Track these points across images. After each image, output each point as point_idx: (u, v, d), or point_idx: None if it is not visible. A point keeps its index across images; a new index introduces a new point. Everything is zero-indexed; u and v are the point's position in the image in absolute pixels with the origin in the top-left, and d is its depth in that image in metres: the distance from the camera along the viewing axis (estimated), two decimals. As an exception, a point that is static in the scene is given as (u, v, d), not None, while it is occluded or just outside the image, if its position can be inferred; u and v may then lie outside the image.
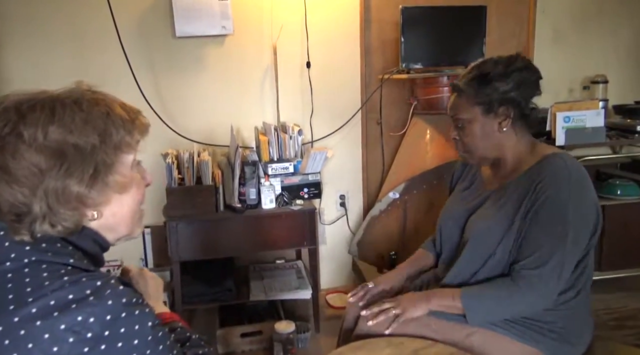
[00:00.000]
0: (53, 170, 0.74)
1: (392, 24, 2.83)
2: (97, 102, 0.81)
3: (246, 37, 2.72)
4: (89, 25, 2.56)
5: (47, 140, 0.74)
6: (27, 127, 0.73)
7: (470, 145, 1.48)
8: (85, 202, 0.79)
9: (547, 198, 1.31)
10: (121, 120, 0.82)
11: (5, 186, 0.73)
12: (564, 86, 3.09)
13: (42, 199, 0.74)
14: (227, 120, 2.69)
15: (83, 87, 0.83)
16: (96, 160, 0.77)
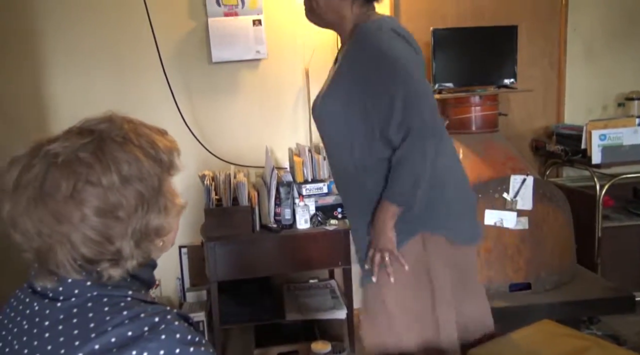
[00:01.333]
0: (138, 211, 0.77)
1: (422, 44, 2.85)
2: (138, 131, 0.83)
3: (279, 61, 2.80)
4: (131, 52, 2.67)
5: (124, 183, 0.76)
6: (102, 175, 0.75)
7: (314, 4, 1.53)
8: (160, 233, 0.82)
9: (366, 56, 1.40)
10: (162, 145, 0.84)
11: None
12: (597, 103, 3.06)
13: (130, 241, 0.77)
14: (262, 142, 2.75)
15: (119, 119, 0.84)
16: (163, 190, 0.81)
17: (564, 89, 3.02)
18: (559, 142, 2.80)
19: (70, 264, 0.76)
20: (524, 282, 2.42)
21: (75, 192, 0.74)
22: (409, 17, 2.87)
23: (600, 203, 2.60)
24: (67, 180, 0.74)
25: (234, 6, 2.69)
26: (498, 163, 2.51)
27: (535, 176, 2.47)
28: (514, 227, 2.38)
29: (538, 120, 3.06)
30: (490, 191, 2.40)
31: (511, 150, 2.61)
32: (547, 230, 2.45)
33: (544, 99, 3.05)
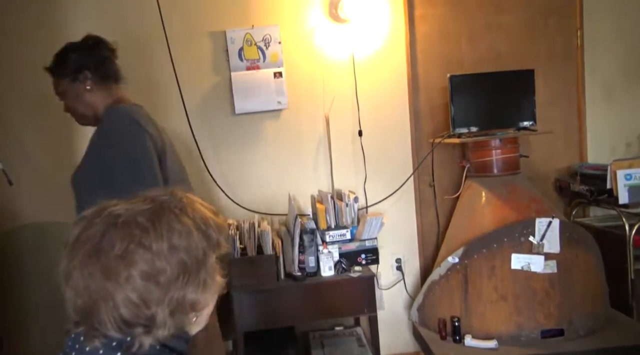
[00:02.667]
0: (178, 281, 0.80)
1: (439, 90, 2.92)
2: (195, 207, 0.87)
3: (300, 110, 2.88)
4: (159, 107, 2.76)
5: (171, 251, 0.80)
6: (154, 241, 0.79)
7: (72, 110, 1.82)
8: (196, 307, 0.84)
9: (100, 137, 1.67)
10: (214, 223, 0.87)
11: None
12: (620, 141, 3.04)
13: (165, 309, 0.79)
14: (285, 190, 2.80)
15: (180, 194, 0.89)
16: (206, 266, 0.84)
17: (585, 129, 3.02)
18: (583, 182, 2.78)
19: (111, 322, 0.78)
20: (556, 328, 2.35)
21: (126, 252, 0.78)
22: (426, 64, 2.94)
23: (631, 244, 2.54)
24: (121, 240, 0.79)
25: (255, 60, 2.81)
26: (522, 206, 2.49)
27: (561, 218, 2.44)
28: (541, 271, 2.34)
29: (560, 160, 3.05)
30: (515, 235, 2.38)
31: (535, 192, 2.59)
32: (577, 274, 2.40)
33: (565, 139, 3.04)
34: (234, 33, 2.78)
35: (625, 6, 2.99)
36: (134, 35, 2.73)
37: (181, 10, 2.75)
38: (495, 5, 2.94)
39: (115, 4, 2.72)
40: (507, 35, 2.96)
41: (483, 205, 2.59)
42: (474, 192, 2.67)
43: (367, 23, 2.86)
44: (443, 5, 2.92)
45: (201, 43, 2.79)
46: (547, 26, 2.97)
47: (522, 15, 2.95)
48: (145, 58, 2.74)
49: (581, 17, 2.96)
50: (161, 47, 2.61)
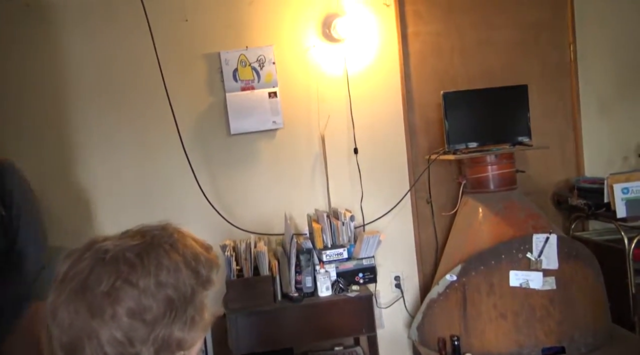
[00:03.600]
0: (164, 318, 0.78)
1: (434, 106, 2.93)
2: (185, 243, 0.85)
3: (296, 129, 2.88)
4: (153, 131, 2.79)
5: (158, 288, 0.78)
6: (141, 277, 0.77)
7: None
8: (183, 346, 0.81)
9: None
10: (204, 259, 0.86)
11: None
12: (617, 155, 3.04)
13: (150, 347, 0.77)
14: (281, 209, 2.79)
15: (171, 229, 0.87)
16: (194, 303, 0.82)
17: (581, 142, 3.01)
18: (581, 196, 2.76)
19: None
20: (558, 346, 2.32)
21: (112, 289, 0.77)
22: (419, 80, 2.96)
23: (631, 257, 2.51)
24: (108, 276, 0.77)
25: (250, 81, 2.82)
26: (519, 221, 2.48)
27: (558, 233, 2.43)
28: (540, 287, 2.32)
29: (557, 174, 3.04)
30: (513, 251, 2.36)
31: (532, 208, 2.58)
32: (577, 290, 2.37)
33: (562, 153, 3.04)
34: (228, 54, 2.80)
35: (618, 20, 3.01)
36: (128, 60, 2.76)
37: (175, 33, 2.78)
38: (486, 22, 2.96)
39: (108, 29, 2.74)
40: (499, 51, 2.98)
41: (480, 221, 2.58)
42: (471, 208, 2.66)
43: (361, 42, 2.88)
44: (435, 23, 2.94)
45: (196, 65, 2.81)
46: (540, 41, 2.99)
47: (513, 32, 2.97)
48: (138, 82, 2.76)
49: (573, 32, 2.98)
50: (154, 71, 2.64)
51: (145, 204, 2.78)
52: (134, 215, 2.77)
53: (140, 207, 2.77)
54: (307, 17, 2.85)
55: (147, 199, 2.78)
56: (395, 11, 2.88)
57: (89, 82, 2.75)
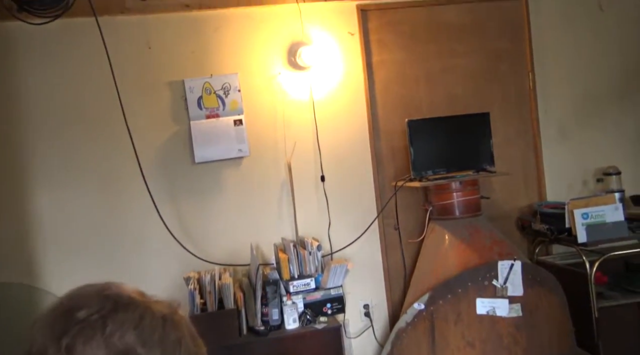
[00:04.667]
0: None
1: (400, 132, 2.96)
2: (178, 327, 0.81)
3: (262, 157, 2.85)
4: (114, 161, 2.71)
5: (120, 341, 0.74)
6: (113, 322, 0.75)
7: None
8: None
9: None
10: (187, 352, 0.81)
11: None
12: (577, 179, 3.11)
13: None
14: (247, 238, 2.74)
15: (175, 306, 0.85)
16: None
17: (543, 167, 3.08)
18: (543, 220, 2.81)
19: None
20: (525, 373, 2.32)
21: None
22: (385, 108, 2.98)
23: (593, 282, 2.56)
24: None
25: (215, 108, 2.79)
26: (485, 248, 2.50)
27: (523, 260, 2.45)
28: (507, 315, 2.33)
29: (521, 199, 3.09)
30: (479, 278, 2.37)
31: (496, 234, 2.61)
32: (542, 316, 2.39)
33: (525, 178, 3.10)
34: (192, 82, 2.77)
35: (573, 49, 3.12)
36: (87, 88, 2.69)
37: (138, 61, 2.74)
38: (449, 50, 3.03)
39: (67, 55, 2.68)
40: (462, 79, 3.04)
41: (446, 248, 2.59)
42: (438, 235, 2.67)
43: (326, 69, 2.89)
44: (399, 51, 2.99)
45: (160, 93, 2.77)
46: (501, 70, 3.07)
47: (476, 59, 3.05)
48: (98, 110, 2.69)
49: (532, 61, 3.07)
50: (115, 99, 2.57)
51: (105, 237, 2.68)
52: (92, 248, 2.67)
53: (99, 239, 2.68)
54: (273, 45, 2.85)
55: (107, 231, 2.69)
56: (359, 40, 2.92)
57: (45, 109, 2.66)
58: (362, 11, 2.93)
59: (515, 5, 3.07)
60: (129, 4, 2.68)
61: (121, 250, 2.70)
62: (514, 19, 3.08)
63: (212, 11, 2.79)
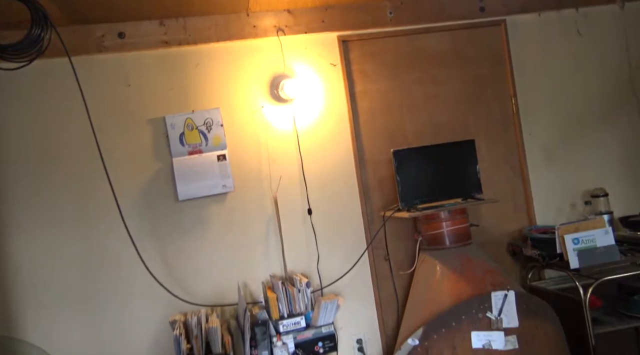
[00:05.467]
0: None
1: (386, 162, 2.93)
2: None
3: (247, 192, 2.80)
4: (94, 202, 2.63)
5: None
6: None
7: None
8: None
9: None
10: None
11: None
12: (565, 202, 3.10)
13: None
14: (235, 277, 2.67)
15: None
16: None
17: (530, 191, 3.07)
18: (534, 246, 2.78)
19: None
20: (525, 408, 2.25)
21: None
22: (370, 137, 2.96)
23: (587, 308, 2.51)
24: None
25: (198, 144, 2.74)
26: (477, 278, 2.45)
27: (516, 289, 2.41)
28: (503, 348, 2.27)
29: (510, 224, 3.06)
30: (473, 311, 2.32)
31: (488, 263, 2.57)
32: (539, 347, 2.33)
33: (513, 202, 3.08)
34: (173, 118, 2.72)
35: (553, 73, 3.14)
36: (66, 127, 2.63)
37: (118, 99, 2.69)
38: (431, 78, 3.03)
39: (44, 95, 2.61)
40: (446, 106, 3.04)
41: (438, 279, 2.53)
42: (429, 266, 2.62)
43: (309, 101, 2.87)
44: (382, 80, 2.98)
45: (140, 131, 2.71)
46: (483, 95, 3.08)
47: (458, 86, 3.05)
48: (76, 150, 2.63)
49: (513, 86, 3.08)
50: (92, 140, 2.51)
51: (86, 281, 2.58)
52: (72, 294, 2.57)
53: (80, 284, 2.58)
54: (255, 79, 2.83)
55: (87, 275, 2.59)
56: (342, 71, 2.91)
57: (21, 150, 2.59)
58: (343, 42, 2.93)
59: (494, 31, 3.10)
60: (106, 43, 2.64)
61: (103, 295, 2.60)
62: (493, 45, 3.10)
63: (192, 47, 2.76)
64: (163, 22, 2.71)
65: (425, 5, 2.98)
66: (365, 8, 2.91)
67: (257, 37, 2.81)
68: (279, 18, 2.83)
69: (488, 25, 3.08)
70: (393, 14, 2.95)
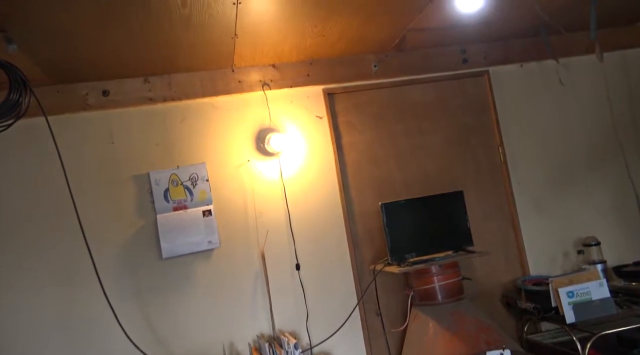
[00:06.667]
0: None
1: (375, 213, 2.89)
2: None
3: (233, 248, 2.73)
4: (75, 263, 2.55)
5: None
6: None
7: None
8: None
9: None
10: None
11: None
12: (557, 251, 3.05)
13: None
14: (221, 337, 2.58)
15: None
16: None
17: (522, 241, 3.02)
18: (529, 299, 2.71)
19: None
20: None
21: None
22: (358, 189, 2.93)
23: (586, 364, 2.42)
24: None
25: (182, 200, 2.69)
26: (471, 336, 2.37)
27: (512, 346, 2.32)
28: (502, 412, 2.16)
29: (503, 275, 3.00)
30: (468, 373, 2.22)
31: (482, 319, 2.49)
32: (539, 409, 2.23)
33: (505, 253, 3.03)
34: (158, 174, 2.68)
35: (539, 121, 3.16)
36: (46, 188, 2.57)
37: (101, 156, 2.65)
38: (417, 128, 3.04)
39: (22, 157, 2.57)
40: (434, 156, 3.03)
41: (431, 338, 2.45)
42: (421, 322, 2.54)
43: (296, 154, 2.85)
44: (369, 132, 2.98)
45: (124, 187, 2.66)
46: (470, 145, 3.08)
47: (444, 136, 3.05)
48: (56, 210, 2.56)
49: (499, 134, 3.09)
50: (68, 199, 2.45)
51: (63, 345, 2.47)
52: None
53: (57, 348, 2.46)
54: (241, 133, 2.81)
55: (65, 338, 2.48)
56: (328, 123, 2.91)
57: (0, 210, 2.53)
58: (329, 95, 2.94)
59: (478, 81, 3.14)
60: (90, 101, 2.63)
61: (82, 360, 2.48)
62: (478, 94, 3.13)
63: (178, 103, 2.76)
64: (147, 79, 2.71)
65: (409, 58, 3.02)
66: (349, 61, 2.95)
67: (243, 91, 2.82)
68: (264, 73, 2.84)
69: (471, 76, 3.12)
70: (377, 66, 2.98)
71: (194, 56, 2.54)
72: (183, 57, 2.54)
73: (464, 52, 3.09)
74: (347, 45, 2.76)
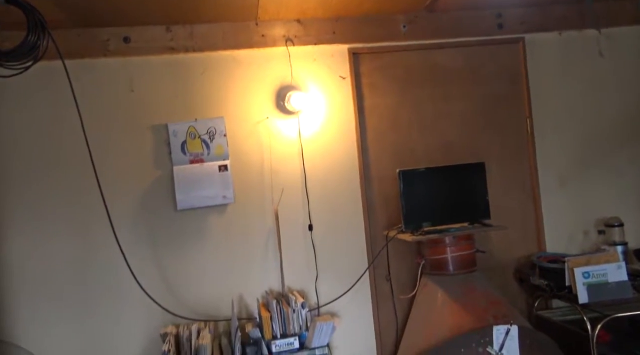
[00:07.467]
0: None
1: (392, 179, 2.84)
2: None
3: (247, 204, 2.73)
4: (90, 209, 2.59)
5: None
6: None
7: None
8: None
9: None
10: None
11: None
12: (577, 229, 2.98)
13: None
14: (231, 290, 2.62)
15: None
16: None
17: (542, 216, 2.95)
18: (542, 276, 2.67)
19: None
20: None
21: None
22: (377, 154, 2.87)
23: (595, 346, 2.40)
24: None
25: (199, 153, 2.68)
26: (479, 310, 2.35)
27: (520, 323, 2.30)
28: (503, 384, 2.17)
29: (519, 250, 2.95)
30: (473, 345, 2.22)
31: (492, 293, 2.46)
32: (541, 385, 2.23)
33: (523, 227, 2.96)
34: (176, 126, 2.67)
35: (571, 95, 3.02)
36: (62, 134, 2.58)
37: (121, 104, 2.64)
38: (443, 94, 2.93)
39: (40, 102, 2.58)
40: (458, 124, 2.93)
41: (439, 307, 2.44)
42: (430, 291, 2.53)
43: (316, 114, 2.79)
44: (392, 95, 2.89)
45: (142, 137, 2.66)
46: (497, 115, 2.97)
47: (471, 105, 2.94)
48: (73, 157, 2.58)
49: (529, 106, 2.97)
50: (93, 144, 2.47)
51: (78, 287, 2.55)
52: (64, 299, 2.53)
53: (72, 290, 2.54)
54: (261, 89, 2.76)
55: (80, 281, 2.55)
56: (351, 84, 2.82)
57: (16, 154, 2.56)
58: (354, 54, 2.84)
59: (512, 49, 2.99)
60: (111, 47, 2.60)
61: (95, 301, 2.56)
62: (510, 63, 2.99)
63: (199, 54, 2.70)
64: (170, 28, 2.65)
65: (441, 20, 2.88)
66: (377, 21, 2.82)
67: (266, 46, 2.74)
68: (288, 28, 2.75)
69: (505, 42, 2.97)
70: (407, 27, 2.85)
71: (218, 6, 2.46)
72: (206, 7, 2.46)
73: (499, 16, 2.93)
74: (375, 3, 2.63)
